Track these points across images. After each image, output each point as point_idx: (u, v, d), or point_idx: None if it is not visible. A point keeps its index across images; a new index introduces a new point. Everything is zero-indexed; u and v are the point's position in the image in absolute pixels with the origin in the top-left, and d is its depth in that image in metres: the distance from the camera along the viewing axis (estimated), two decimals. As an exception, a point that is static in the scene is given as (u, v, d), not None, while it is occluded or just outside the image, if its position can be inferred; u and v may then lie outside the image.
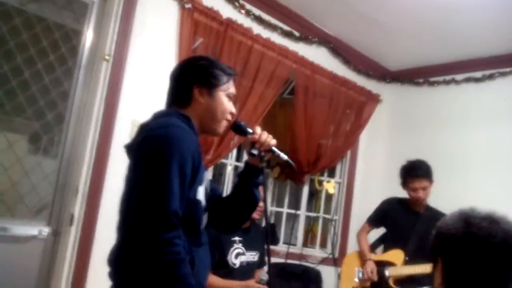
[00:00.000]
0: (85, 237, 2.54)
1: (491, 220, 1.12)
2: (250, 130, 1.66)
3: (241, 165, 3.62)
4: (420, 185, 3.05)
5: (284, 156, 1.67)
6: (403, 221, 3.16)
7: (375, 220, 3.35)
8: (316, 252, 4.19)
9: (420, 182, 3.05)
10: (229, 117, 1.61)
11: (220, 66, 1.61)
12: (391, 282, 3.07)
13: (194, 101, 1.55)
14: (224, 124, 1.61)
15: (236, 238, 2.79)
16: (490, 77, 3.92)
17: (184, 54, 2.87)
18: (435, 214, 3.10)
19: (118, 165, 2.40)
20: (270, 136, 1.64)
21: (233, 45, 3.17)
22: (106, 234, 2.37)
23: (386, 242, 3.30)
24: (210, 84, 1.56)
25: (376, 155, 4.40)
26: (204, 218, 1.57)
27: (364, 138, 4.39)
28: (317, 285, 3.82)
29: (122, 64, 2.70)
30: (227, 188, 3.66)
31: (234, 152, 3.69)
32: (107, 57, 2.65)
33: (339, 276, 3.34)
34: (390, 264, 3.11)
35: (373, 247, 3.35)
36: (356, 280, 3.23)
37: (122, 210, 1.46)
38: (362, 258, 3.25)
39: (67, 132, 2.64)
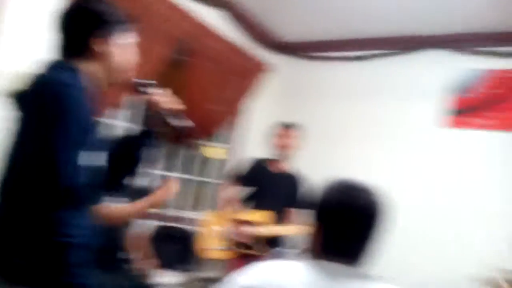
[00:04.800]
0: None
1: (365, 190, 1.25)
2: (151, 90, 1.56)
3: (132, 126, 3.48)
4: (287, 132, 3.31)
5: (181, 122, 1.62)
6: (269, 181, 3.31)
7: (239, 178, 3.41)
8: (201, 215, 4.21)
9: (288, 130, 3.32)
10: (128, 69, 1.50)
11: (116, 11, 1.47)
12: (256, 241, 3.17)
13: (93, 52, 1.41)
14: (122, 78, 1.50)
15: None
16: (372, 56, 4.23)
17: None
18: (299, 177, 3.38)
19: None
20: (171, 99, 1.58)
21: (124, -2, 2.97)
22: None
23: (250, 201, 3.37)
24: (110, 33, 1.43)
25: (263, 123, 4.50)
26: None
27: (253, 106, 4.47)
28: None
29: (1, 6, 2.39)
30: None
31: (125, 112, 3.52)
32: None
33: (200, 236, 3.31)
34: (257, 224, 3.21)
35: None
36: (220, 239, 3.25)
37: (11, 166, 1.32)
38: (228, 218, 3.28)
39: None
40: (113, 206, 2.42)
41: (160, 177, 3.80)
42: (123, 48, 1.46)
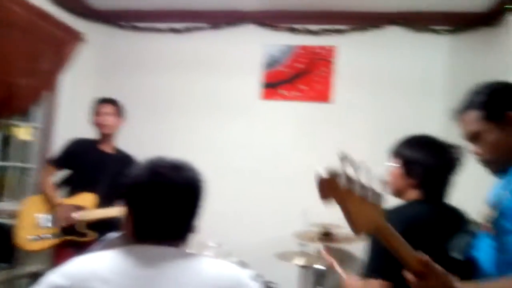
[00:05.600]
0: None
1: (175, 168, 1.21)
2: None
3: None
4: (105, 109, 3.20)
5: None
6: (93, 162, 3.16)
7: (60, 161, 3.21)
8: (9, 205, 3.75)
9: (105, 107, 3.21)
10: None
11: None
12: (83, 226, 3.02)
13: None
14: None
15: None
16: (188, 30, 4.22)
17: None
18: (125, 156, 3.29)
19: None
20: None
21: None
22: None
23: (72, 185, 3.20)
24: None
25: (80, 98, 4.16)
26: None
27: (67, 79, 4.06)
28: (8, 241, 3.44)
29: None
30: None
31: None
32: None
33: (17, 226, 3.03)
34: (81, 208, 3.04)
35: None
36: (41, 227, 3.02)
37: None
38: (49, 203, 3.06)
39: None
40: None
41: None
42: None
